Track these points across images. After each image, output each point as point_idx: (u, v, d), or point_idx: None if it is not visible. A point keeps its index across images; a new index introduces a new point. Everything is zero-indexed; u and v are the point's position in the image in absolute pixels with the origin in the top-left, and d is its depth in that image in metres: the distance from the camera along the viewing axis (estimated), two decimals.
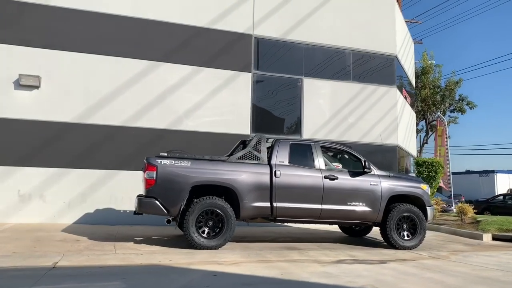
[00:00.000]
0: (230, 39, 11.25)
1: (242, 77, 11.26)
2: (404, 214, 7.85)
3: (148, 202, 6.76)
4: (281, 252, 6.78)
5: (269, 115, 11.65)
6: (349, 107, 12.23)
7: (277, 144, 7.69)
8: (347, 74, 12.39)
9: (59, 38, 9.94)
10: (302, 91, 11.84)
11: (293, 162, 7.57)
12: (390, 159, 12.64)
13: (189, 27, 10.92)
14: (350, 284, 4.62)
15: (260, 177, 7.23)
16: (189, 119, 10.71)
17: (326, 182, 7.52)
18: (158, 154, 7.05)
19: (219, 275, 4.91)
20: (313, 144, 7.89)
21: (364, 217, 7.75)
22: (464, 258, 6.97)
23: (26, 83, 9.53)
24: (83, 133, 9.92)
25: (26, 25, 9.75)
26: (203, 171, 7.01)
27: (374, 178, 7.83)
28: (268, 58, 11.72)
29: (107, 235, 7.88)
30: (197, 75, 10.89)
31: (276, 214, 7.32)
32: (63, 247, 6.51)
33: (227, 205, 6.96)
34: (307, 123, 11.76)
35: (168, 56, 10.72)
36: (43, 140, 9.68)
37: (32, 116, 9.63)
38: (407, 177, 8.45)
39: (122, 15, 10.43)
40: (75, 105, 9.94)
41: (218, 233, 6.90)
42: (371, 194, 7.73)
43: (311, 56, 12.07)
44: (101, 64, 10.20)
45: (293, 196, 7.36)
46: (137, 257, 5.90)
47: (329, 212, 7.53)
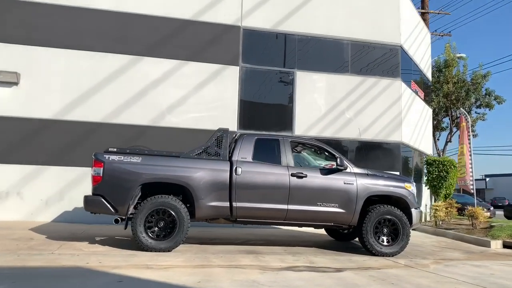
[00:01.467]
0: (217, 32, 10.76)
1: (229, 70, 10.73)
2: (384, 216, 7.03)
3: (94, 200, 6.37)
4: (234, 257, 6.18)
5: (258, 110, 11.05)
6: (347, 101, 11.41)
7: (241, 139, 7.10)
8: (345, 66, 11.57)
9: (39, 34, 9.83)
10: (295, 85, 11.15)
11: (258, 159, 6.94)
12: (393, 157, 11.68)
13: (173, 19, 10.53)
14: None
15: (218, 174, 6.67)
16: (172, 115, 10.31)
17: (293, 181, 6.84)
18: (107, 149, 6.65)
19: (127, 280, 4.41)
20: (281, 139, 7.22)
21: (336, 219, 7.00)
22: (444, 268, 6.09)
23: (4, 80, 9.47)
24: (62, 130, 9.75)
25: (4, 21, 9.69)
26: (154, 167, 6.54)
27: (349, 177, 7.06)
28: (257, 51, 11.12)
29: (69, 234, 7.59)
30: (181, 69, 10.48)
31: (236, 215, 6.73)
32: (7, 246, 6.24)
33: (180, 205, 6.44)
34: (299, 119, 11.05)
35: (151, 50, 10.37)
36: (22, 137, 9.58)
37: (11, 113, 9.56)
38: (390, 175, 7.59)
39: (103, 9, 10.20)
40: (54, 102, 9.78)
41: (169, 234, 6.40)
42: (344, 193, 6.96)
43: (305, 48, 11.35)
44: (82, 59, 10.00)
45: (255, 196, 6.74)
46: (70, 258, 5.51)
47: (296, 213, 6.84)
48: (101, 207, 6.36)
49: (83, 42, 10.04)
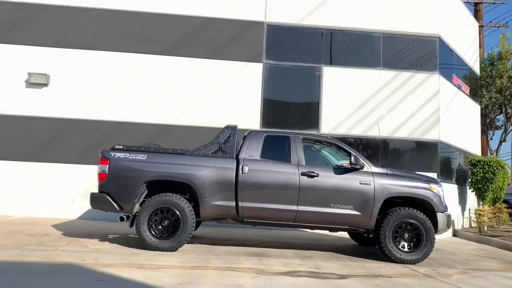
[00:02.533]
0: (239, 28, 10.55)
1: (252, 67, 10.47)
2: (405, 220, 6.42)
3: (100, 197, 6.35)
4: (237, 259, 5.90)
5: (282, 108, 10.68)
6: (378, 97, 10.72)
7: (249, 136, 6.80)
8: (376, 60, 10.90)
9: (66, 37, 10.14)
10: (321, 81, 10.66)
11: (266, 157, 6.61)
12: (430, 157, 10.82)
13: (194, 17, 10.46)
14: None
15: (224, 172, 6.42)
16: (194, 114, 10.21)
17: (303, 180, 6.43)
18: (113, 146, 6.63)
19: (107, 280, 4.27)
20: (292, 136, 6.83)
21: (351, 222, 6.50)
22: (467, 280, 5.42)
23: (34, 81, 9.85)
24: (88, 129, 9.98)
25: (35, 25, 10.10)
26: (159, 165, 6.42)
27: (366, 176, 6.53)
28: (281, 47, 10.76)
29: (85, 231, 7.68)
30: (203, 67, 10.37)
31: (242, 215, 6.45)
32: (19, 240, 6.39)
33: (184, 203, 6.27)
34: (326, 117, 10.55)
35: (173, 49, 10.37)
36: (50, 136, 9.92)
37: (41, 113, 9.92)
38: (413, 176, 6.92)
39: (126, 10, 10.33)
40: (80, 102, 10.03)
41: (173, 233, 6.24)
42: (360, 195, 6.44)
43: (332, 42, 10.83)
44: (107, 60, 10.20)
45: (262, 195, 6.41)
46: (70, 255, 5.51)
47: (306, 215, 6.43)
48: (107, 204, 6.33)
49: (107, 43, 10.22)
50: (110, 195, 6.32)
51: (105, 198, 6.32)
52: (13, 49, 9.98)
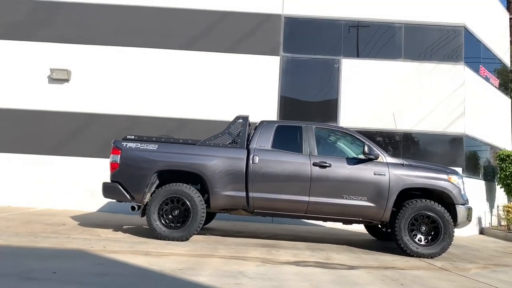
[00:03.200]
0: (256, 21, 10.47)
1: (269, 61, 10.37)
2: (422, 212, 6.16)
3: (111, 187, 6.42)
4: (247, 249, 5.82)
5: (300, 101, 10.52)
6: (400, 89, 10.39)
7: (261, 126, 6.71)
8: (397, 51, 10.57)
9: (87, 33, 10.35)
10: (340, 73, 10.44)
11: (278, 147, 6.50)
12: (455, 150, 10.39)
13: (212, 12, 10.46)
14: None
15: (234, 162, 6.35)
16: (212, 108, 10.20)
17: (315, 170, 6.28)
18: (125, 136, 6.68)
19: (109, 264, 4.28)
20: (304, 126, 6.68)
21: (365, 213, 6.29)
22: (487, 274, 5.13)
23: (56, 77, 10.10)
24: (108, 123, 10.14)
25: (57, 22, 10.36)
26: (169, 155, 6.42)
27: (380, 167, 6.31)
28: (299, 39, 10.61)
29: (101, 222, 7.80)
30: (220, 62, 10.36)
31: (253, 206, 6.36)
32: (34, 229, 6.54)
33: (194, 193, 6.24)
34: (345, 110, 10.31)
35: (191, 43, 10.40)
36: (72, 130, 10.14)
37: (62, 108, 10.17)
38: (431, 166, 6.61)
39: (145, 6, 10.45)
40: (101, 96, 10.22)
41: (183, 223, 6.22)
42: (374, 186, 6.23)
43: (351, 34, 10.59)
44: (125, 55, 10.34)
45: (273, 186, 6.30)
46: (81, 242, 5.58)
47: (318, 206, 6.27)
48: (118, 194, 6.39)
49: (127, 38, 10.37)
50: (122, 184, 6.38)
51: (116, 187, 6.38)
52: (36, 46, 10.27)
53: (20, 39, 10.30)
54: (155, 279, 3.77)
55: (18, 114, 10.09)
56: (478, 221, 10.73)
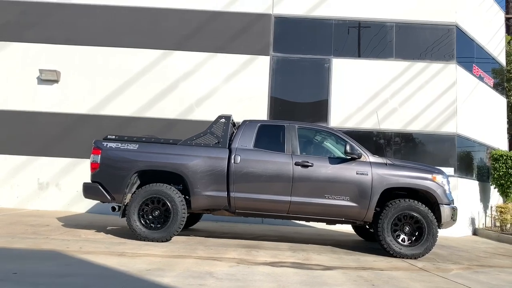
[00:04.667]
0: (246, 21, 10.42)
1: (259, 60, 10.31)
2: (404, 212, 6.07)
3: (92, 187, 6.36)
4: (226, 250, 5.74)
5: (290, 101, 10.44)
6: (391, 89, 10.30)
7: (243, 125, 6.65)
8: (388, 50, 10.48)
9: (77, 34, 10.33)
10: (330, 73, 10.36)
11: (260, 146, 6.42)
12: (447, 150, 10.28)
13: (202, 12, 10.42)
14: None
15: (215, 162, 6.28)
16: (201, 108, 10.16)
17: (297, 170, 6.20)
18: (106, 136, 6.63)
19: (76, 264, 4.21)
20: (287, 125, 6.60)
21: (347, 213, 6.20)
22: (467, 275, 5.02)
23: (45, 78, 10.08)
24: (96, 124, 10.09)
25: (46, 23, 10.35)
26: (150, 155, 6.36)
27: (363, 167, 6.22)
28: (289, 39, 10.54)
29: (86, 223, 7.75)
30: (210, 62, 10.31)
31: (234, 206, 6.28)
32: (15, 230, 6.49)
33: (175, 194, 6.17)
34: (335, 110, 10.23)
35: (181, 44, 10.36)
36: (60, 131, 10.11)
37: (52, 109, 10.14)
38: (415, 166, 6.52)
39: (135, 6, 10.42)
40: (90, 97, 10.18)
41: (164, 224, 6.15)
42: (356, 185, 6.14)
43: (341, 33, 10.51)
44: (115, 56, 10.31)
45: (254, 186, 6.23)
46: (57, 243, 5.51)
47: (300, 206, 6.19)
48: (98, 194, 6.34)
49: (116, 39, 10.34)
50: (102, 185, 6.32)
51: (97, 187, 6.32)
52: (26, 47, 10.27)
53: (9, 40, 10.29)
54: (117, 279, 3.71)
55: (7, 115, 10.07)
56: (471, 222, 10.60)
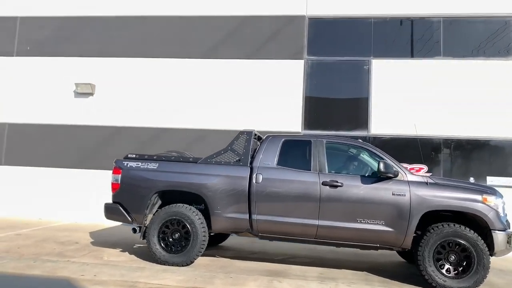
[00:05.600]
0: (278, 25, 9.95)
1: (293, 65, 9.80)
2: (449, 239, 5.33)
3: (112, 208, 6.22)
4: (246, 278, 5.33)
5: (326, 107, 9.82)
6: (440, 90, 9.36)
7: (266, 141, 6.18)
8: (435, 49, 9.54)
9: (110, 46, 10.39)
10: (370, 75, 9.61)
11: (284, 164, 5.94)
12: (506, 158, 9.17)
13: (232, 17, 10.12)
14: None
15: (235, 182, 5.89)
16: (232, 117, 9.83)
17: (324, 190, 5.65)
18: (127, 155, 6.45)
19: None
20: (314, 140, 6.05)
21: (382, 239, 5.55)
22: None
23: (81, 91, 10.23)
24: (132, 136, 10.09)
25: (82, 37, 10.50)
26: (169, 174, 6.09)
27: (400, 186, 5.54)
28: (325, 41, 9.92)
29: (116, 240, 7.66)
30: (241, 69, 9.97)
31: (257, 229, 5.85)
32: (43, 249, 6.52)
33: (195, 215, 5.86)
34: (376, 116, 9.48)
35: (211, 51, 10.12)
36: (97, 143, 10.21)
37: (88, 122, 10.27)
38: (461, 185, 5.71)
39: (166, 15, 10.30)
40: (124, 109, 10.21)
41: (184, 247, 5.86)
42: (392, 207, 5.48)
43: (383, 32, 9.72)
44: (147, 66, 10.26)
45: (278, 208, 5.76)
46: (74, 268, 5.40)
47: (329, 231, 5.63)
48: (119, 215, 6.18)
49: (148, 49, 10.28)
50: (123, 205, 6.15)
51: (117, 208, 6.16)
52: (62, 61, 10.47)
53: (47, 55, 10.55)
54: None
55: (46, 129, 10.32)
56: None
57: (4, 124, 10.44)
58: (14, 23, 10.75)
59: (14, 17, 10.78)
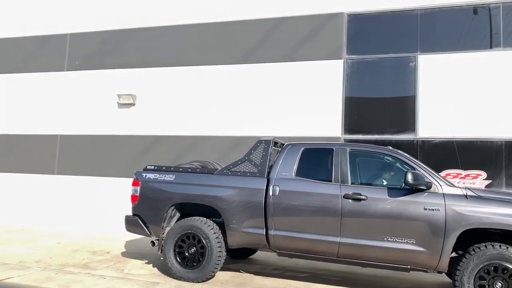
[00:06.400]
0: (316, 24, 9.41)
1: (331, 65, 9.21)
2: (493, 263, 4.52)
3: (132, 220, 6.15)
4: None
5: (368, 109, 9.07)
6: (499, 86, 8.24)
7: (285, 149, 5.76)
8: (494, 38, 8.42)
9: (150, 56, 10.54)
10: (417, 72, 8.72)
11: (303, 175, 5.47)
12: None
13: (265, 20, 9.74)
14: None
15: (251, 194, 5.54)
16: (269, 124, 9.46)
17: (346, 204, 5.10)
18: (146, 167, 6.36)
19: None
20: (337, 148, 5.50)
21: (412, 260, 4.87)
22: None
23: (123, 102, 10.48)
24: (171, 144, 10.13)
25: (124, 49, 10.76)
26: (185, 186, 5.89)
27: (433, 200, 4.82)
28: (365, 38, 9.20)
29: (145, 251, 7.62)
30: (278, 72, 9.57)
31: (274, 245, 5.44)
32: (72, 259, 6.67)
33: (209, 229, 5.60)
34: (425, 117, 8.57)
35: (248, 56, 9.84)
36: (138, 152, 10.39)
37: (130, 132, 10.50)
38: (506, 198, 4.82)
39: (203, 23, 10.22)
40: (164, 118, 10.28)
41: (200, 262, 5.62)
42: (424, 224, 4.78)
43: (430, 25, 8.78)
44: (185, 75, 10.25)
45: (296, 222, 5.31)
46: (93, 281, 5.39)
47: (352, 249, 5.06)
48: (138, 227, 6.10)
49: (185, 58, 10.27)
50: (141, 218, 6.07)
51: (136, 221, 6.09)
52: (106, 73, 10.82)
53: (93, 68, 10.97)
54: None
55: (92, 140, 10.71)
56: None
57: (56, 136, 11.03)
58: (64, 40, 11.34)
59: (64, 34, 11.37)
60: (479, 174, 8.13)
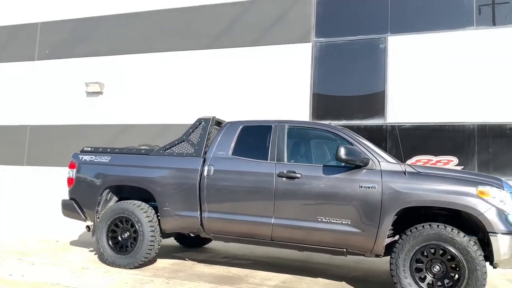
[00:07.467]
0: (284, 7, 9.09)
1: (299, 49, 8.88)
2: (431, 244, 4.12)
3: (67, 204, 5.85)
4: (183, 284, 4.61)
5: (337, 94, 8.71)
6: (472, 68, 7.82)
7: (223, 128, 5.43)
8: (466, 17, 7.99)
9: (116, 44, 10.33)
10: (387, 55, 8.33)
11: (239, 154, 5.12)
12: None
13: (235, 3, 9.43)
14: None
15: (185, 175, 5.21)
16: (238, 109, 9.14)
17: (280, 183, 4.73)
18: (83, 148, 6.07)
19: None
20: (275, 125, 5.13)
21: (348, 243, 4.49)
22: None
23: (90, 90, 10.24)
24: (141, 133, 9.86)
25: (92, 37, 10.55)
26: (120, 168, 5.58)
27: (370, 177, 4.43)
28: (334, 20, 8.84)
29: None
30: (246, 57, 9.28)
31: (208, 229, 5.10)
32: (13, 247, 6.40)
33: (142, 213, 5.28)
34: (394, 102, 8.17)
35: (215, 41, 9.56)
36: (107, 142, 10.11)
37: (97, 121, 10.25)
38: (449, 174, 4.39)
39: (168, 8, 9.95)
40: (132, 106, 10.04)
41: (132, 248, 5.30)
42: (359, 204, 4.40)
43: (400, 4, 8.40)
44: (152, 62, 9.99)
45: (229, 204, 4.97)
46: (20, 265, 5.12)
47: (285, 231, 4.70)
48: (74, 212, 5.80)
49: (152, 45, 10.03)
50: (77, 202, 5.78)
51: (72, 205, 5.79)
52: (73, 62, 10.60)
53: (62, 57, 10.76)
54: None
55: (59, 130, 10.49)
56: None
57: (26, 126, 10.83)
58: (35, 29, 11.15)
59: (36, 23, 11.17)
60: (451, 160, 7.71)
